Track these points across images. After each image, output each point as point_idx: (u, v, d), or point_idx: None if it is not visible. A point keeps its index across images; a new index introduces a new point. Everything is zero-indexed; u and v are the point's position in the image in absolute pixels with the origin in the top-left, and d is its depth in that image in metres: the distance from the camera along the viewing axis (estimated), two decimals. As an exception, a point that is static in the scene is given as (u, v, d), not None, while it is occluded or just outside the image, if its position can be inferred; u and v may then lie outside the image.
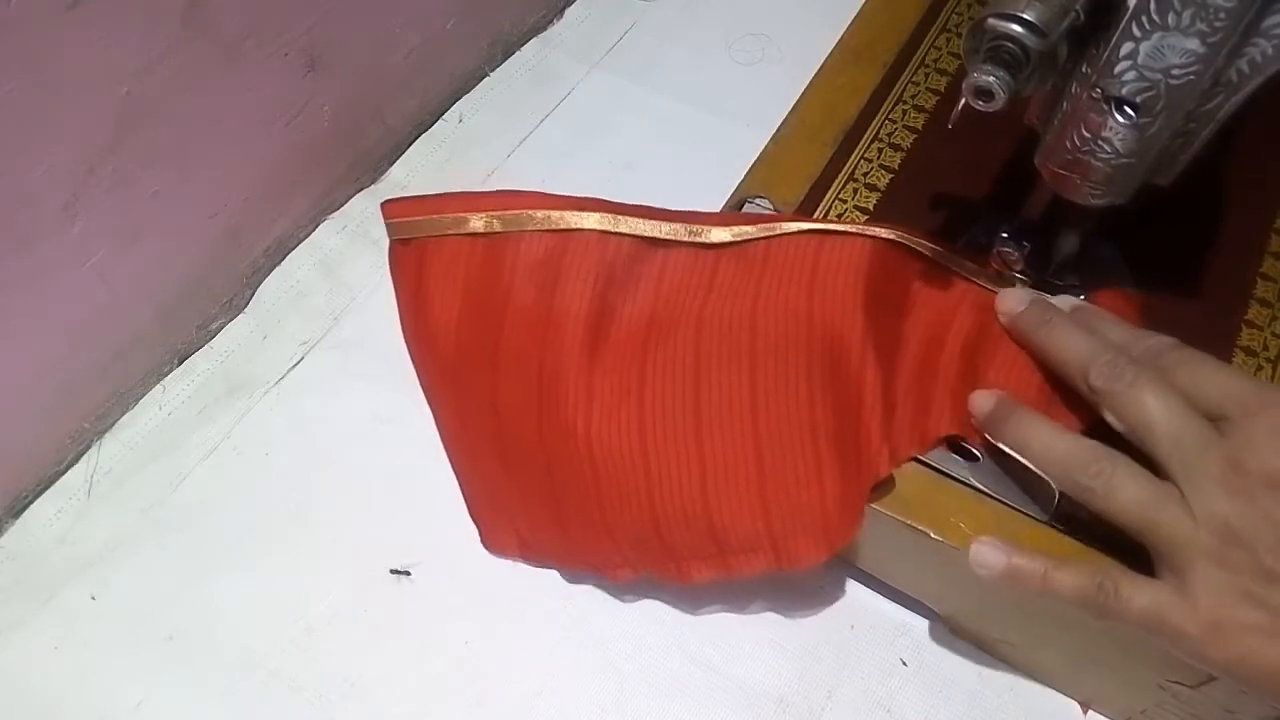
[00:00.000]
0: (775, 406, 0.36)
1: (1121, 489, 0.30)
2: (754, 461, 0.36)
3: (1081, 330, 0.33)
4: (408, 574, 0.40)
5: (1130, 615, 0.29)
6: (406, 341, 0.43)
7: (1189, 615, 0.28)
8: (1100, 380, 0.31)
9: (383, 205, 0.43)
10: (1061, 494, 0.32)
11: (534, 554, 0.40)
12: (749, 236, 0.39)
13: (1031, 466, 0.32)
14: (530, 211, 0.40)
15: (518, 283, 0.40)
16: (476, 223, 0.40)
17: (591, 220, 0.39)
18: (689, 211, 0.40)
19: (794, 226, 0.39)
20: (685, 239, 0.39)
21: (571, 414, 0.38)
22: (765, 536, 0.35)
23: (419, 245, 0.41)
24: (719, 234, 0.39)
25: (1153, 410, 0.30)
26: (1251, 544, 0.27)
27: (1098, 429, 0.32)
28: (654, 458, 0.37)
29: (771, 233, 0.39)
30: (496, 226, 0.40)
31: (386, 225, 0.43)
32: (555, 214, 0.39)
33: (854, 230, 0.38)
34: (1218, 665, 0.28)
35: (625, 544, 0.37)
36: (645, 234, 0.39)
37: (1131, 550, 0.31)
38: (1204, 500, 0.28)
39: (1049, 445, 0.32)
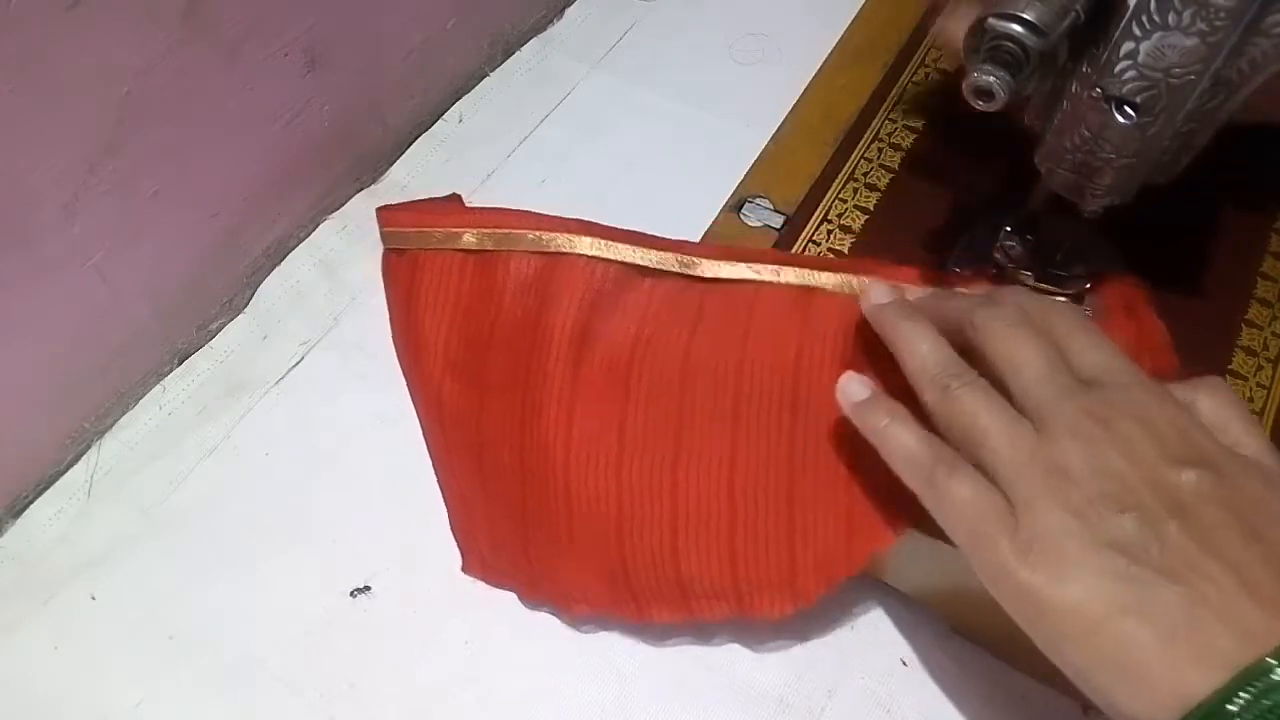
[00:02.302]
0: (754, 464, 0.36)
1: (972, 400, 0.30)
2: (726, 514, 0.36)
3: (964, 297, 0.34)
4: (368, 589, 0.39)
5: (949, 501, 0.29)
6: (397, 349, 0.44)
7: (1006, 526, 0.28)
8: (981, 318, 0.31)
9: (378, 211, 0.43)
10: None
11: (494, 576, 0.39)
12: (739, 276, 0.38)
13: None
14: (523, 231, 0.39)
15: (507, 302, 0.40)
16: (469, 238, 0.40)
17: (583, 244, 0.39)
18: (680, 241, 0.40)
19: (787, 275, 0.38)
20: (675, 269, 0.39)
21: (551, 440, 0.38)
22: (730, 587, 0.35)
23: (412, 257, 0.41)
24: (710, 268, 0.39)
25: (1027, 352, 0.30)
26: (1087, 482, 0.27)
27: None
28: (628, 496, 0.36)
29: (759, 275, 0.38)
30: (488, 244, 0.40)
31: (382, 233, 0.43)
32: (546, 235, 0.39)
33: (844, 289, 0.38)
34: (1014, 585, 0.27)
35: (588, 577, 0.37)
36: (635, 261, 0.39)
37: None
38: (1053, 437, 0.28)
39: (913, 351, 0.32)
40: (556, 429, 0.38)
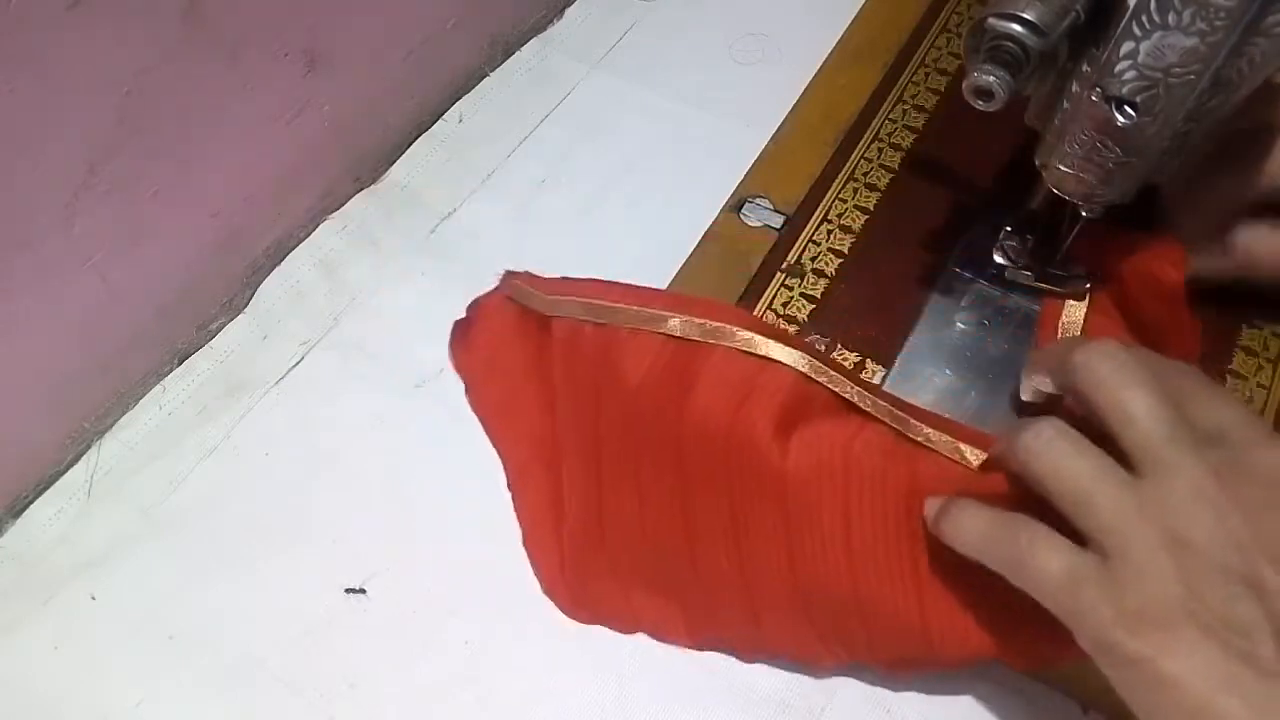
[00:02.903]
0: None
1: (1068, 457, 0.28)
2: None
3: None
4: (363, 591, 0.39)
5: (1037, 576, 0.28)
6: (560, 411, 0.41)
7: (1110, 594, 0.26)
8: (1084, 356, 0.29)
9: (552, 283, 0.41)
10: None
11: (701, 639, 0.38)
12: (963, 462, 0.35)
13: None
14: (732, 327, 0.37)
15: (704, 390, 0.37)
16: (674, 323, 0.38)
17: (789, 356, 0.37)
18: (894, 397, 0.37)
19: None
20: (887, 422, 0.36)
21: (771, 544, 0.36)
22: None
23: (611, 330, 0.39)
24: (937, 439, 0.35)
25: (1144, 397, 0.28)
26: (1206, 552, 0.26)
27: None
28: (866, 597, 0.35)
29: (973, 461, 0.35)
30: (694, 335, 0.38)
31: (557, 300, 0.40)
32: (758, 339, 0.37)
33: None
34: (1121, 656, 0.26)
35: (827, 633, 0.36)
36: (844, 395, 0.37)
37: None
38: (1175, 498, 0.26)
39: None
40: (775, 534, 0.36)
